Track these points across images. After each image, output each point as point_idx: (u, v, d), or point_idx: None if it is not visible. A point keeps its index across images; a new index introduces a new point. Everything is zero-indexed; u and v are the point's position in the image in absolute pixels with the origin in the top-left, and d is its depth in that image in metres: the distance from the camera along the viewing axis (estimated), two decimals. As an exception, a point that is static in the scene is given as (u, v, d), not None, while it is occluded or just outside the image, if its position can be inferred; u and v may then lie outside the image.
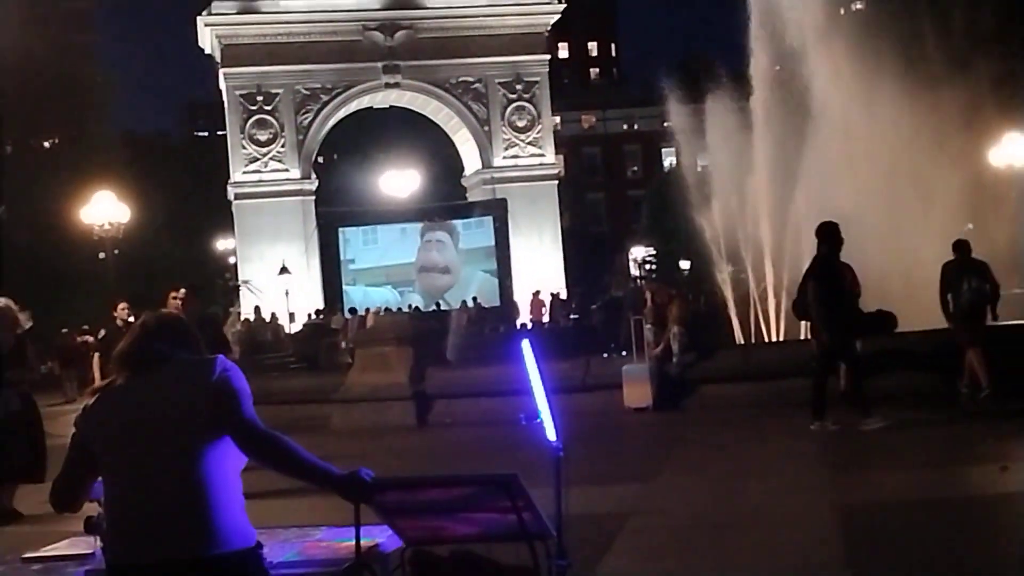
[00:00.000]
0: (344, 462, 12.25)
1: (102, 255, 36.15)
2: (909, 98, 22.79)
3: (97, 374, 15.62)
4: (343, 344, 28.48)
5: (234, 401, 3.73)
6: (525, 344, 4.92)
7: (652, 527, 8.83)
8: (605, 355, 19.80)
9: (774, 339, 20.57)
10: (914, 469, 10.29)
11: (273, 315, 39.33)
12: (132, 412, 3.72)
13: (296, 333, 36.69)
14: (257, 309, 39.64)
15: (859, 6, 37.44)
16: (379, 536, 4.60)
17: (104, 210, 34.70)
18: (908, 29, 28.93)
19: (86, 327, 37.71)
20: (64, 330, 36.70)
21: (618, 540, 8.27)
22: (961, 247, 15.95)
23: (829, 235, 13.11)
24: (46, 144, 56.85)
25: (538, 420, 4.78)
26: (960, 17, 28.90)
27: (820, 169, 22.43)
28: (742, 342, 20.63)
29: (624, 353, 18.30)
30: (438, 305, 40.46)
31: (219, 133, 53.18)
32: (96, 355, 16.03)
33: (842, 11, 30.40)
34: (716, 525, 8.61)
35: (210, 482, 3.64)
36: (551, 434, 4.77)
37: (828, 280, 12.91)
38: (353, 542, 4.27)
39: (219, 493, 3.65)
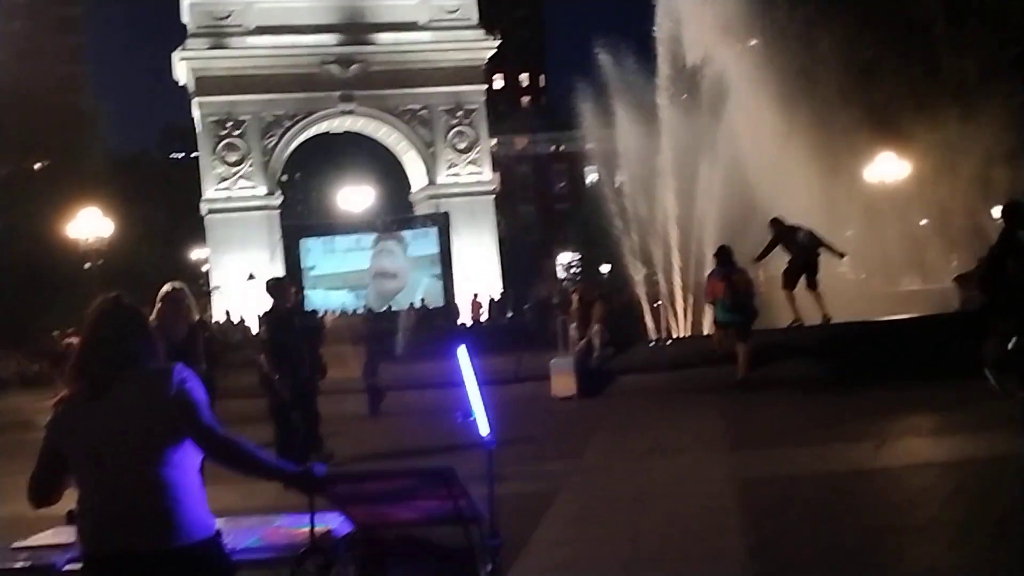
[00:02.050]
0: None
1: (87, 265, 35.48)
2: (798, 123, 23.10)
3: None
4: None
5: (193, 411, 3.60)
6: (461, 349, 4.90)
7: (576, 503, 8.85)
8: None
9: (682, 334, 20.66)
10: (802, 446, 10.37)
11: (242, 318, 38.84)
12: (97, 428, 3.56)
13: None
14: (228, 312, 39.13)
15: (754, 42, 37.83)
16: (332, 522, 4.55)
17: (89, 225, 34.09)
18: (798, 63, 29.33)
19: (72, 330, 37.01)
20: (55, 332, 35.93)
21: (547, 515, 8.25)
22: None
23: (1016, 215, 11.54)
24: (37, 165, 55.58)
25: (472, 418, 4.76)
26: (841, 53, 29.32)
27: (719, 185, 22.62)
28: (654, 337, 20.72)
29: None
30: (389, 307, 40.19)
31: (193, 155, 52.45)
32: None
33: (740, 46, 30.65)
34: (633, 498, 8.63)
35: (171, 482, 3.54)
36: (484, 430, 4.76)
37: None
38: (309, 528, 4.25)
39: (180, 491, 3.56)
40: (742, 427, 12.03)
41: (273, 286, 11.61)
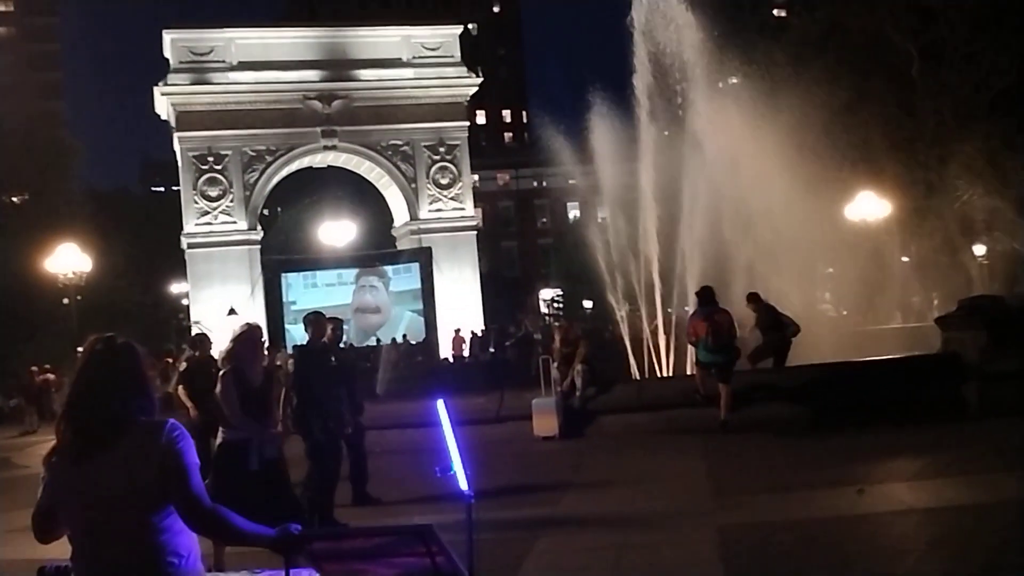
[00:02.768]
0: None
1: (66, 300, 35.21)
2: (779, 161, 23.24)
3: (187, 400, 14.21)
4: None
5: (181, 478, 3.49)
6: (440, 404, 4.86)
7: (557, 549, 8.76)
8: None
9: (664, 373, 20.65)
10: (784, 492, 10.32)
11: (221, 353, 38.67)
12: (88, 491, 3.44)
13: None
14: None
15: (735, 80, 38.18)
16: (308, 578, 4.47)
17: (68, 260, 33.86)
18: (777, 102, 29.60)
19: (48, 366, 36.71)
20: (33, 368, 35.62)
21: (527, 562, 8.17)
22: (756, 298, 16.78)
23: None
24: (15, 199, 55.34)
25: (451, 472, 4.71)
26: (820, 93, 29.61)
27: (700, 223, 22.72)
28: (637, 376, 20.68)
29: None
30: (376, 340, 40.01)
31: (174, 188, 52.40)
32: (179, 387, 14.50)
33: (720, 85, 30.93)
34: (612, 547, 8.56)
35: (166, 549, 3.46)
36: (463, 484, 4.71)
37: None
38: (284, 585, 4.17)
39: (175, 556, 3.47)
40: (724, 471, 11.97)
41: (311, 321, 11.20)
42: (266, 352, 14.15)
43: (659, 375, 20.50)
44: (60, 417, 3.62)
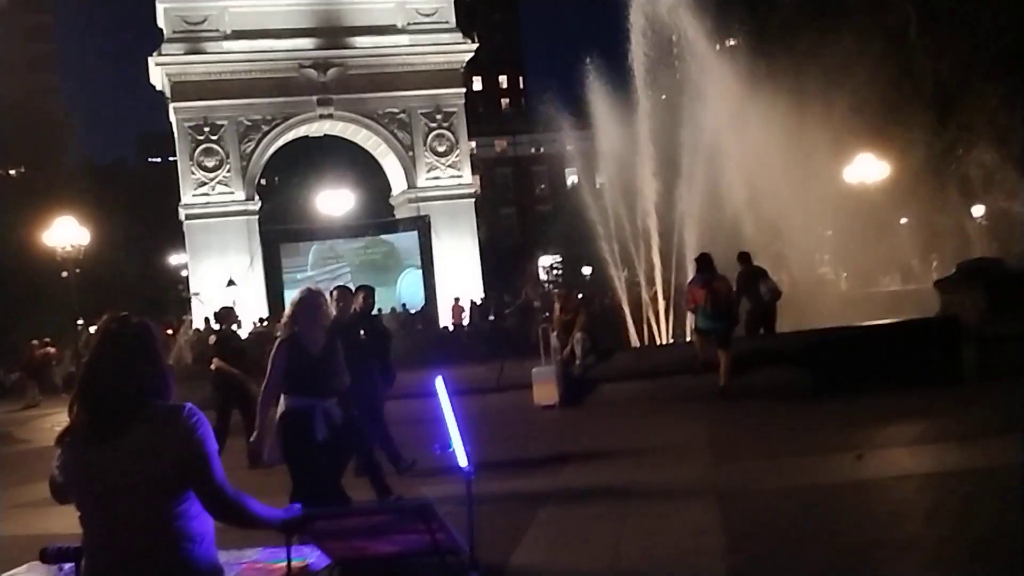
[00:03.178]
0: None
1: (64, 274, 35.16)
2: (778, 123, 23.17)
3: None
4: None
5: (203, 467, 3.45)
6: (439, 381, 4.86)
7: (558, 519, 8.79)
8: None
9: (663, 340, 20.68)
10: (784, 458, 10.35)
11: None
12: (104, 475, 3.39)
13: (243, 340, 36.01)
14: (207, 320, 38.89)
15: (733, 43, 37.92)
16: (309, 556, 4.50)
17: (66, 234, 33.79)
18: (776, 64, 29.42)
19: (48, 340, 36.78)
20: (34, 341, 35.68)
21: (526, 535, 8.18)
22: (745, 258, 16.96)
23: None
24: (12, 172, 55.18)
25: (451, 449, 4.72)
26: (817, 54, 29.43)
27: (700, 186, 22.68)
28: (636, 343, 20.72)
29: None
30: (379, 310, 40.00)
31: (171, 159, 52.16)
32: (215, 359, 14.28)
33: (718, 47, 30.76)
34: (613, 516, 8.59)
35: (183, 534, 3.43)
36: (462, 461, 4.73)
37: None
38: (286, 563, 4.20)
39: (192, 542, 3.45)
40: (723, 438, 12.00)
41: (339, 295, 11.01)
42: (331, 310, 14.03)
43: (658, 342, 20.53)
44: (73, 397, 3.57)
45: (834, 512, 7.93)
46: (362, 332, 10.98)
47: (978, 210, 35.84)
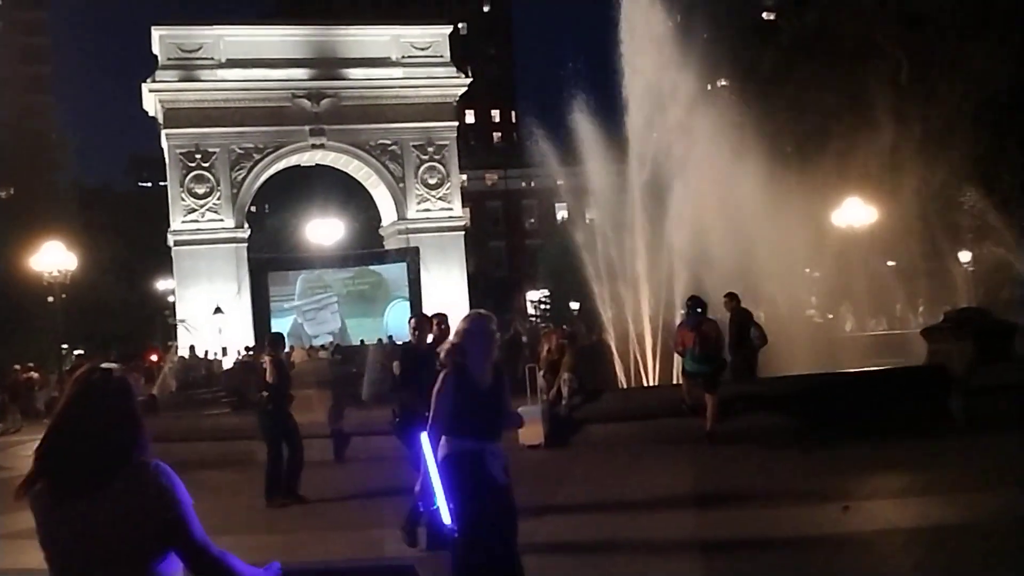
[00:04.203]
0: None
1: (51, 299, 34.96)
2: (767, 165, 23.23)
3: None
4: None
5: (183, 526, 3.34)
6: (423, 437, 4.79)
7: (542, 565, 8.68)
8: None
9: (651, 380, 20.59)
10: (769, 507, 10.27)
11: (206, 353, 38.49)
12: (76, 535, 3.27)
13: (228, 370, 35.86)
14: (192, 348, 38.79)
15: (724, 83, 38.21)
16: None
17: (53, 259, 33.65)
18: (766, 106, 29.60)
19: (31, 364, 36.55)
20: (16, 366, 35.43)
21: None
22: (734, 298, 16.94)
23: None
24: (2, 194, 55.06)
25: (435, 507, 4.66)
26: (808, 98, 29.65)
27: (689, 224, 22.66)
28: (623, 383, 20.62)
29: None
30: (361, 341, 39.91)
31: (161, 184, 52.19)
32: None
33: (708, 87, 30.94)
34: (598, 565, 8.51)
35: None
36: (446, 519, 4.67)
37: None
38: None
39: None
40: (709, 484, 11.91)
41: (416, 324, 10.62)
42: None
43: (645, 383, 20.43)
44: (41, 448, 3.42)
45: (818, 568, 7.87)
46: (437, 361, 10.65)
47: (965, 256, 36.01)
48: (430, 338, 10.57)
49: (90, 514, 3.29)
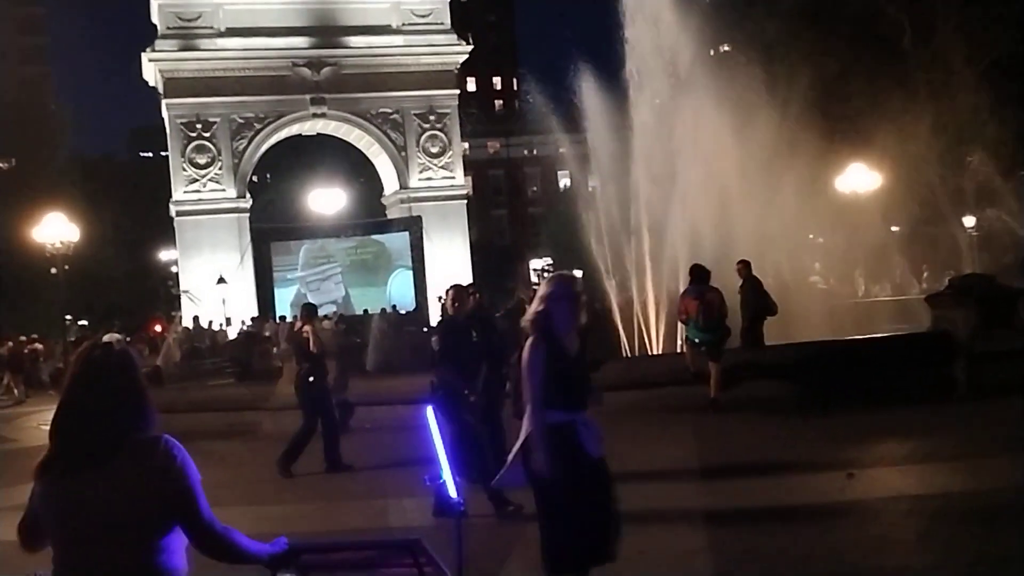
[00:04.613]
0: (274, 464, 11.81)
1: (53, 270, 34.96)
2: (770, 130, 23.11)
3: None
4: (274, 350, 27.89)
5: (190, 501, 3.36)
6: (429, 411, 4.79)
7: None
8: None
9: (654, 349, 20.60)
10: (773, 476, 10.29)
11: (210, 323, 38.53)
12: (82, 509, 3.29)
13: (232, 340, 35.91)
14: (196, 318, 38.82)
15: (726, 48, 37.91)
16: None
17: (55, 230, 33.62)
18: (769, 71, 29.37)
19: (35, 336, 36.60)
20: (22, 338, 35.49)
21: (515, 550, 8.13)
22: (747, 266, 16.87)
23: None
24: (3, 165, 54.92)
25: (441, 480, 4.66)
26: (812, 63, 29.40)
27: (692, 191, 22.58)
28: (627, 352, 20.64)
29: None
30: (365, 311, 39.92)
31: (163, 154, 52.03)
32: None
33: (711, 52, 30.69)
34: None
35: (158, 566, 3.34)
36: (452, 492, 4.66)
37: None
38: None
39: (166, 573, 3.37)
40: (713, 453, 11.95)
41: (455, 295, 10.42)
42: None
43: (649, 352, 20.44)
44: (52, 428, 3.46)
45: (824, 535, 7.90)
46: (474, 333, 10.43)
47: (969, 221, 35.92)
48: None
49: (95, 488, 3.31)
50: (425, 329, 37.33)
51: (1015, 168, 29.95)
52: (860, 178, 32.18)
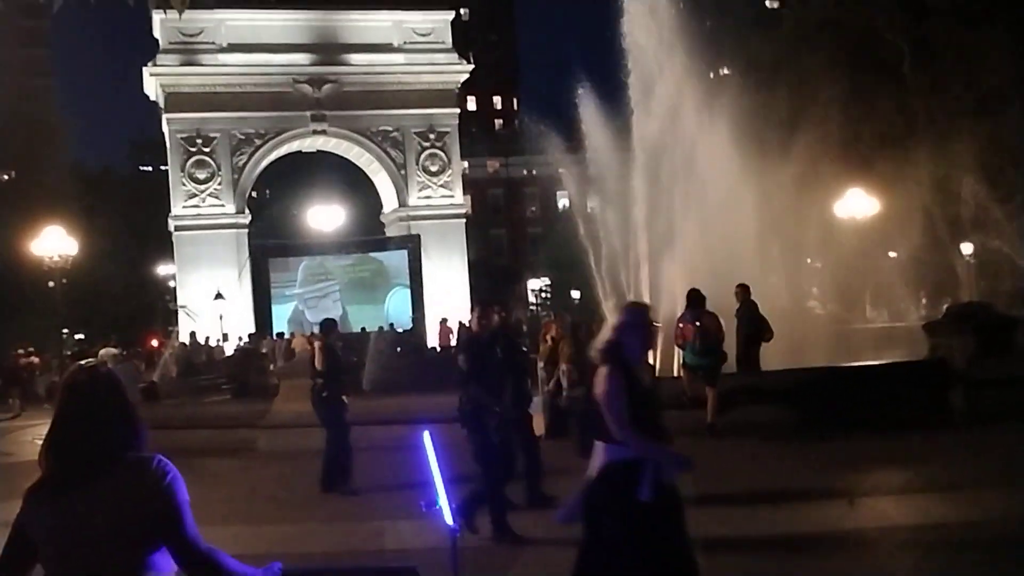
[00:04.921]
0: (269, 483, 11.84)
1: (51, 283, 34.93)
2: (770, 155, 23.17)
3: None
4: (271, 367, 27.83)
5: (175, 519, 3.38)
6: (426, 436, 4.78)
7: (542, 558, 8.69)
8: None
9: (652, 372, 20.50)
10: (770, 503, 10.25)
11: (207, 339, 38.47)
12: (71, 527, 3.32)
13: (229, 357, 35.80)
14: (193, 334, 38.77)
15: (726, 71, 38.06)
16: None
17: (53, 243, 33.59)
18: (770, 95, 29.49)
19: (31, 348, 36.52)
20: (19, 351, 35.42)
21: (512, 572, 8.10)
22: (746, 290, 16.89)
23: None
24: (4, 177, 54.99)
25: (437, 506, 4.64)
26: (812, 86, 29.51)
27: (691, 214, 22.61)
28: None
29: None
30: (363, 328, 39.83)
31: (162, 168, 52.08)
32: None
33: (711, 75, 30.80)
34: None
35: None
36: (448, 518, 4.65)
37: None
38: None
39: None
40: (710, 479, 11.83)
41: (481, 313, 10.46)
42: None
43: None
44: (43, 450, 3.50)
45: (821, 566, 7.87)
46: (498, 350, 10.38)
47: (967, 248, 35.99)
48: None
49: (86, 505, 3.34)
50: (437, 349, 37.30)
51: (1013, 195, 30.02)
52: (859, 203, 32.24)
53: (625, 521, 5.57)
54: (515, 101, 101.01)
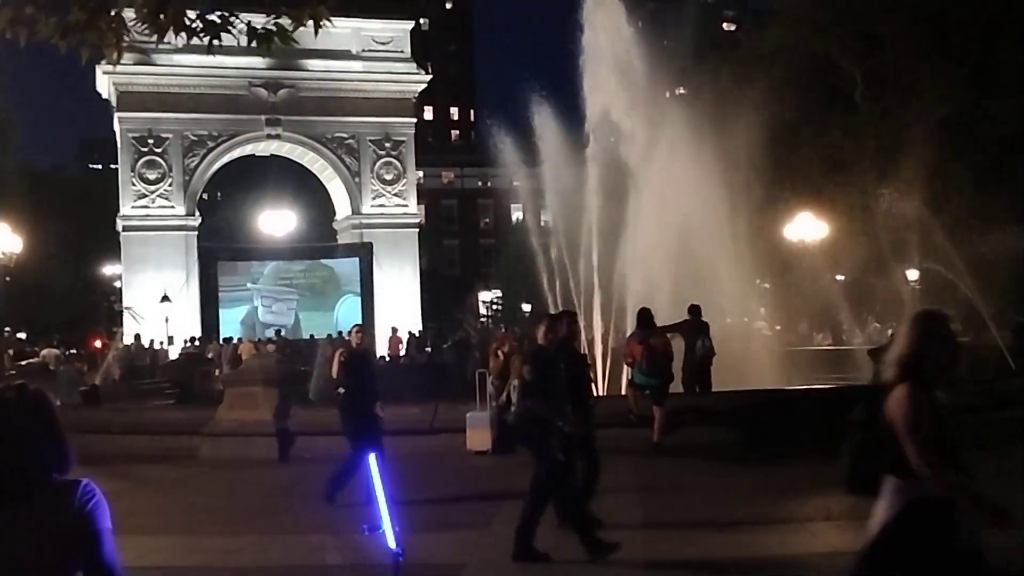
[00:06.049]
0: (210, 493, 11.66)
1: (-7, 282, 34.23)
2: (721, 174, 23.36)
3: None
4: (216, 372, 27.47)
5: (92, 545, 3.26)
6: (371, 459, 4.70)
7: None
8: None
9: (600, 389, 20.59)
10: (715, 528, 10.26)
11: (152, 342, 37.87)
12: None
13: (173, 361, 35.25)
14: (137, 336, 38.15)
15: (682, 91, 38.35)
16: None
17: (-1, 240, 32.91)
18: (723, 117, 29.71)
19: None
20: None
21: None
22: (695, 311, 17.03)
23: None
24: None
25: (380, 530, 4.56)
26: (764, 110, 29.79)
27: (643, 233, 22.72)
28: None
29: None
30: (311, 336, 39.50)
31: (112, 167, 51.28)
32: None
33: (667, 94, 31.01)
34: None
35: None
36: (391, 543, 4.57)
37: None
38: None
39: None
40: (655, 499, 11.93)
41: (549, 325, 9.84)
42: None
43: (594, 392, 20.39)
44: None
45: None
46: (562, 365, 9.79)
47: (912, 274, 36.52)
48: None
49: (10, 530, 3.21)
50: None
51: (959, 224, 30.51)
52: (808, 227, 32.61)
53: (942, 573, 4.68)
54: (472, 112, 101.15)
